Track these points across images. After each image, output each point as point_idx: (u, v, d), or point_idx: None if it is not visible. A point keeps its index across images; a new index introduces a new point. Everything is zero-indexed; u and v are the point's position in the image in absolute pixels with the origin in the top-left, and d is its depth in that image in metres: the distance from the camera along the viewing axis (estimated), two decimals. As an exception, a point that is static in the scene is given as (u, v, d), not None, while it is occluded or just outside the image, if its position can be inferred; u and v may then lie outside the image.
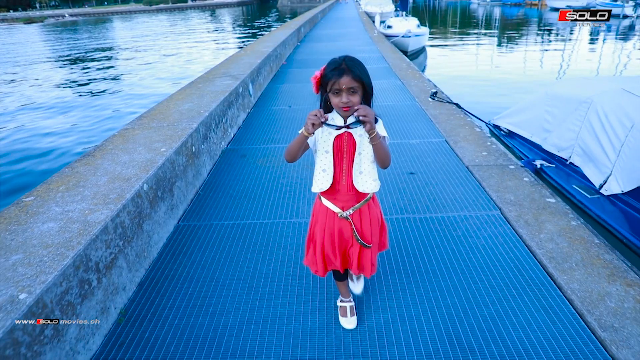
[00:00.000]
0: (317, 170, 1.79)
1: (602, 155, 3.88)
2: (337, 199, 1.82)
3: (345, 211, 1.82)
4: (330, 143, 1.72)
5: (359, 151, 1.72)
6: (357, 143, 1.71)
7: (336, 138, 1.72)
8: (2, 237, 2.11)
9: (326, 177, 1.77)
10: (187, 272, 2.68)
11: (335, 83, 1.59)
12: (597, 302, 2.25)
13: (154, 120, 4.00)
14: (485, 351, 2.01)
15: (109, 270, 2.27)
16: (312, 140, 1.74)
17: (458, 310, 2.27)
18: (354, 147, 1.72)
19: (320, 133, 1.73)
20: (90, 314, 2.09)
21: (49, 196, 2.53)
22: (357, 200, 1.82)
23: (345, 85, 1.58)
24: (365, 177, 1.75)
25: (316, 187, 1.81)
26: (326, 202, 1.85)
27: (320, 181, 1.79)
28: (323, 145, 1.74)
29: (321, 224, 1.89)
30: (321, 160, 1.77)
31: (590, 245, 2.72)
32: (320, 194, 1.88)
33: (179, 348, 2.09)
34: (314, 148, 1.78)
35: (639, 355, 1.91)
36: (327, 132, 1.71)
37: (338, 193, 1.81)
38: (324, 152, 1.75)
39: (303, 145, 1.71)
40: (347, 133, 1.71)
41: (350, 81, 1.59)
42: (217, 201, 3.59)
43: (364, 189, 1.77)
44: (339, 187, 1.79)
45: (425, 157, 4.30)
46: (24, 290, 1.73)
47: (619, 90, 4.02)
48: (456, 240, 2.91)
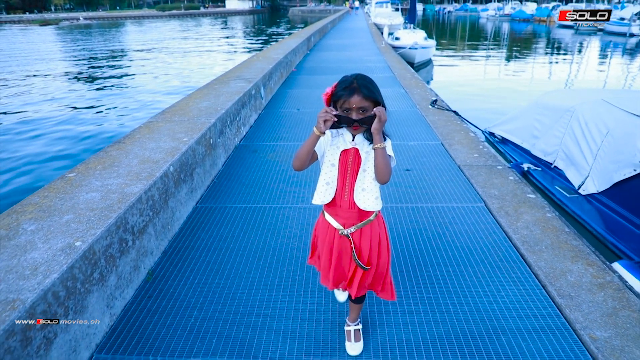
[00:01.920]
0: (321, 183, 1.77)
1: (582, 159, 4.25)
2: (338, 215, 1.80)
3: (347, 229, 1.80)
4: (337, 156, 1.72)
5: (364, 168, 1.71)
6: (362, 160, 1.70)
7: (342, 152, 1.72)
8: (54, 202, 2.51)
9: (329, 190, 1.76)
10: (205, 243, 3.07)
11: (345, 102, 1.60)
12: (559, 276, 2.61)
13: (176, 115, 4.41)
14: (458, 310, 2.37)
15: (141, 235, 2.66)
16: (321, 151, 1.73)
17: (439, 280, 2.64)
18: (358, 162, 1.72)
19: (328, 145, 1.73)
20: (126, 269, 2.48)
21: (88, 173, 2.94)
22: (359, 219, 1.79)
23: (355, 104, 1.58)
24: (367, 194, 1.73)
25: (318, 199, 1.78)
26: (328, 217, 1.83)
27: (323, 194, 1.77)
28: (330, 158, 1.74)
29: (322, 238, 1.90)
30: (326, 173, 1.76)
31: (560, 233, 3.08)
32: (324, 208, 1.87)
33: (198, 300, 2.47)
34: (321, 160, 1.77)
35: (587, 315, 2.27)
36: (335, 145, 1.72)
37: (340, 209, 1.78)
38: (330, 165, 1.74)
39: (313, 147, 1.67)
40: (354, 149, 1.71)
41: (361, 101, 1.59)
42: (230, 188, 3.98)
43: (365, 207, 1.74)
44: (340, 203, 1.77)
45: (421, 157, 4.68)
46: (78, 240, 2.12)
47: (598, 101, 4.40)
48: (443, 226, 3.28)
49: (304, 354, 2.08)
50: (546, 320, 2.30)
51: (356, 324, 2.14)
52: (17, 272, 1.84)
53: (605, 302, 2.38)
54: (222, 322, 2.31)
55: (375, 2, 42.34)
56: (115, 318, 2.34)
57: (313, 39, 17.89)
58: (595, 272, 2.65)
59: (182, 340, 2.18)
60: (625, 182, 3.69)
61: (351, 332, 2.12)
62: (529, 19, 55.71)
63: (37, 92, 14.81)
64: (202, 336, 2.21)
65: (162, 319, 2.34)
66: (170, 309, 2.42)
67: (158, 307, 2.43)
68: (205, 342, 2.17)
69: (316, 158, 1.74)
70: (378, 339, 2.18)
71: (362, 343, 2.11)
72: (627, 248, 3.47)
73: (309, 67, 11.75)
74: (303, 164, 1.71)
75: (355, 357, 2.06)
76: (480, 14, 69.07)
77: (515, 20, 56.92)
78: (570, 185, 4.38)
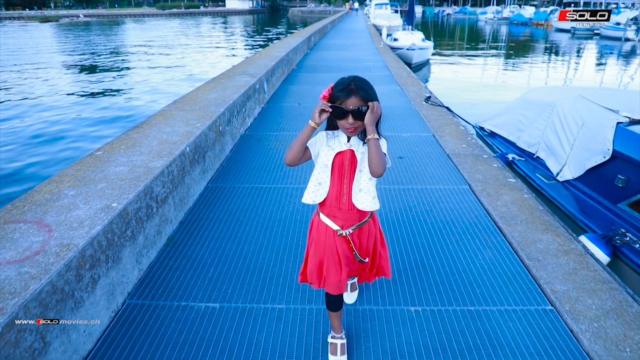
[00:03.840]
0: (312, 182, 1.77)
1: (560, 149, 4.62)
2: (337, 217, 1.80)
3: (345, 230, 1.81)
4: (331, 158, 1.73)
5: (360, 168, 1.72)
6: (358, 161, 1.71)
7: (337, 155, 1.73)
8: (87, 174, 2.86)
9: (321, 190, 1.76)
10: (217, 216, 3.43)
11: (343, 103, 1.60)
12: (530, 244, 2.98)
13: (187, 104, 4.77)
14: (440, 269, 2.74)
15: (163, 204, 3.02)
16: (316, 151, 1.76)
17: (424, 246, 3.01)
18: (355, 165, 1.73)
19: (323, 145, 1.75)
20: (151, 232, 2.83)
21: (114, 151, 3.29)
22: (358, 219, 1.81)
23: (353, 106, 1.59)
24: (365, 195, 1.74)
25: (308, 198, 1.78)
26: (325, 219, 1.83)
27: (314, 194, 1.77)
28: (323, 159, 1.74)
29: (318, 241, 1.87)
30: (318, 173, 1.76)
31: (534, 210, 3.45)
32: (319, 211, 1.86)
33: (214, 260, 2.83)
34: (315, 160, 1.78)
35: (550, 274, 2.64)
36: (330, 147, 1.74)
37: (339, 211, 1.78)
38: (323, 166, 1.74)
39: (308, 139, 1.68)
40: (350, 151, 1.72)
41: (358, 102, 1.59)
42: (238, 170, 4.34)
43: (364, 207, 1.74)
44: (339, 205, 1.78)
45: (413, 146, 5.05)
46: (114, 202, 2.48)
47: (576, 96, 4.77)
48: (430, 204, 3.65)
49: (307, 301, 2.45)
50: (515, 277, 2.67)
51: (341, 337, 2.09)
52: (66, 225, 2.19)
53: (567, 264, 2.75)
54: (235, 277, 2.67)
55: (375, 4, 42.76)
56: (143, 273, 2.70)
57: (313, 38, 18.25)
58: (561, 241, 3.02)
59: (202, 290, 2.54)
60: (596, 169, 4.07)
61: (337, 345, 2.07)
62: (527, 23, 56.34)
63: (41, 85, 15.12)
64: (218, 287, 2.57)
65: (183, 274, 2.70)
66: (190, 267, 2.78)
67: (179, 266, 2.79)
68: (222, 292, 2.53)
69: (309, 157, 1.76)
70: (370, 287, 2.55)
71: (346, 357, 2.05)
72: (593, 224, 3.84)
73: (309, 65, 12.11)
74: (295, 157, 1.70)
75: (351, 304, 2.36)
76: (479, 17, 69.68)
77: (514, 23, 57.52)
78: (550, 173, 4.75)
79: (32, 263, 1.87)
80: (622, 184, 3.73)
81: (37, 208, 2.35)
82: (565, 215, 4.18)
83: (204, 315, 2.35)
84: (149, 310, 2.39)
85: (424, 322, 2.31)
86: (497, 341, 2.17)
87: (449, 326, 2.28)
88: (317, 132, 1.75)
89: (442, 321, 2.32)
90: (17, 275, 1.79)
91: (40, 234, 2.11)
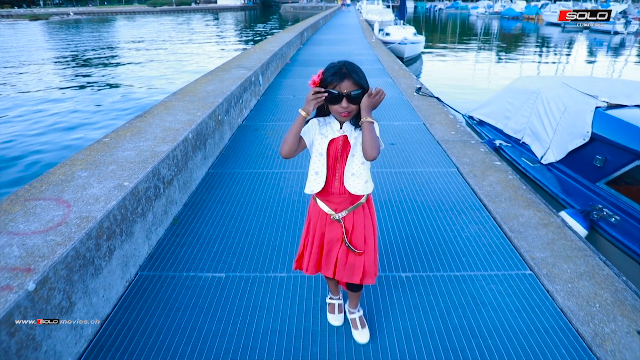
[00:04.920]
0: (311, 172, 1.80)
1: (544, 134, 4.86)
2: (330, 200, 1.82)
3: (338, 213, 1.83)
4: (325, 146, 1.73)
5: (352, 153, 1.73)
6: (351, 145, 1.73)
7: (331, 142, 1.73)
8: (97, 158, 3.03)
9: (318, 179, 1.78)
10: (219, 198, 3.62)
11: (336, 87, 1.59)
12: (512, 219, 3.20)
13: (187, 95, 4.94)
14: (429, 241, 2.96)
15: (169, 185, 3.21)
16: (310, 140, 1.76)
17: (414, 220, 3.23)
18: (347, 148, 1.74)
19: (317, 134, 1.75)
20: (159, 211, 3.02)
21: (120, 138, 3.46)
22: (350, 203, 1.82)
23: (346, 90, 1.58)
24: (357, 179, 1.76)
25: (309, 189, 1.82)
26: (320, 203, 1.86)
27: (313, 183, 1.80)
28: (318, 148, 1.75)
29: (313, 224, 1.91)
30: (314, 163, 1.78)
31: (518, 189, 3.68)
32: (315, 196, 1.88)
33: (218, 237, 3.03)
34: (310, 149, 1.80)
35: (530, 243, 2.86)
36: (324, 135, 1.74)
37: (331, 195, 1.81)
38: (318, 155, 1.75)
39: (300, 129, 1.68)
40: (343, 137, 1.73)
41: (351, 86, 1.58)
42: (237, 157, 4.53)
43: (356, 191, 1.77)
44: (332, 190, 1.80)
45: (405, 134, 5.26)
46: (125, 181, 2.66)
47: (559, 83, 5.01)
48: (421, 185, 3.86)
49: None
50: (498, 247, 2.89)
51: (338, 298, 2.23)
52: (83, 201, 2.38)
53: (546, 235, 2.97)
54: (238, 250, 2.87)
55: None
56: (152, 248, 2.89)
57: (306, 33, 18.39)
58: (542, 216, 3.24)
59: (208, 262, 2.74)
60: (577, 151, 4.31)
61: (334, 305, 2.20)
62: (518, 17, 56.78)
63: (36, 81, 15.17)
64: (223, 259, 2.77)
65: (190, 249, 2.89)
66: (195, 242, 2.97)
67: (185, 242, 2.98)
68: (227, 264, 2.73)
69: (304, 146, 1.76)
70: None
71: (343, 315, 2.20)
72: (574, 202, 4.08)
73: (302, 60, 12.28)
74: (291, 149, 1.69)
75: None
76: (471, 12, 70.00)
77: (505, 17, 57.95)
78: (535, 157, 4.99)
79: (56, 232, 2.06)
80: (600, 164, 3.97)
81: (54, 187, 2.53)
82: (549, 195, 4.42)
83: (211, 283, 2.55)
84: (160, 281, 2.58)
85: (414, 285, 2.53)
86: (480, 300, 2.40)
87: (437, 289, 2.50)
88: (308, 120, 1.76)
89: (431, 285, 2.53)
90: (44, 242, 1.98)
91: (60, 209, 2.29)
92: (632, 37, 33.38)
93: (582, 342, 2.11)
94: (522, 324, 2.23)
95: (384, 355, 2.04)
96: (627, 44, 30.63)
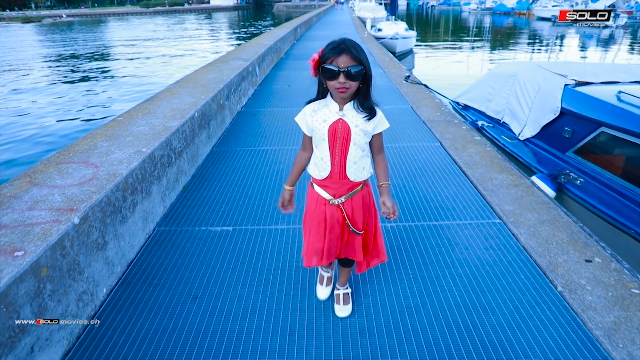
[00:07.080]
0: (317, 157, 1.79)
1: (521, 112, 5.26)
2: (328, 186, 1.80)
3: (337, 199, 1.81)
4: (325, 131, 1.70)
5: (354, 141, 1.70)
6: (352, 133, 1.69)
7: (330, 126, 1.70)
8: (115, 132, 3.39)
9: (324, 165, 1.77)
10: (224, 170, 3.99)
11: (333, 61, 1.56)
12: (487, 181, 3.59)
13: (190, 83, 5.30)
14: (412, 199, 3.35)
15: (179, 157, 3.57)
16: (310, 130, 1.77)
17: (400, 185, 3.61)
18: (347, 135, 1.70)
19: (315, 120, 1.73)
20: (171, 177, 3.39)
21: (133, 117, 3.81)
22: (350, 188, 1.80)
23: (343, 64, 1.54)
24: (358, 167, 1.76)
25: (315, 172, 1.82)
26: (318, 189, 1.84)
27: (320, 168, 1.79)
28: (319, 134, 1.72)
29: (312, 210, 1.89)
30: (318, 148, 1.77)
31: (493, 158, 4.07)
32: (312, 180, 1.88)
33: (225, 198, 3.40)
34: (314, 136, 1.79)
35: (501, 199, 3.25)
36: (322, 119, 1.71)
37: (330, 180, 1.79)
38: (321, 140, 1.73)
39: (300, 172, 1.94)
40: (342, 121, 1.69)
41: (349, 60, 1.55)
42: (238, 138, 4.90)
43: (356, 178, 1.77)
44: (330, 175, 1.78)
45: (393, 115, 5.65)
46: (143, 147, 3.02)
47: (534, 66, 5.42)
48: (406, 157, 4.24)
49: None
50: (473, 203, 3.28)
51: (345, 288, 2.22)
52: (109, 163, 2.74)
53: (516, 193, 3.36)
54: (243, 208, 3.24)
55: (359, -4, 43.32)
56: (166, 209, 3.25)
57: (299, 30, 18.75)
58: (514, 179, 3.63)
59: (217, 219, 3.11)
60: (549, 125, 4.71)
61: (340, 295, 2.20)
62: (509, 12, 57.42)
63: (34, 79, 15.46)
64: (230, 216, 3.14)
65: (200, 209, 3.26)
66: (204, 204, 3.34)
67: (195, 204, 3.35)
68: (234, 219, 3.10)
69: (309, 139, 1.82)
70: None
71: (350, 306, 2.18)
72: (542, 167, 4.49)
73: (296, 54, 12.64)
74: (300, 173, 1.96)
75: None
76: (463, 8, 70.65)
77: (497, 13, 58.58)
78: (513, 134, 5.39)
79: (89, 184, 2.42)
80: (569, 135, 4.37)
81: (81, 154, 2.88)
82: (524, 166, 4.82)
83: (220, 235, 2.92)
84: (176, 234, 2.95)
85: (397, 232, 2.91)
86: (454, 242, 2.78)
87: (417, 234, 2.88)
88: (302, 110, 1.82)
89: (412, 232, 2.92)
90: (80, 191, 2.34)
91: (90, 169, 2.65)
92: (620, 30, 34.00)
93: (538, 269, 2.50)
94: (489, 258, 2.62)
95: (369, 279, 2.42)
96: (616, 36, 31.20)
